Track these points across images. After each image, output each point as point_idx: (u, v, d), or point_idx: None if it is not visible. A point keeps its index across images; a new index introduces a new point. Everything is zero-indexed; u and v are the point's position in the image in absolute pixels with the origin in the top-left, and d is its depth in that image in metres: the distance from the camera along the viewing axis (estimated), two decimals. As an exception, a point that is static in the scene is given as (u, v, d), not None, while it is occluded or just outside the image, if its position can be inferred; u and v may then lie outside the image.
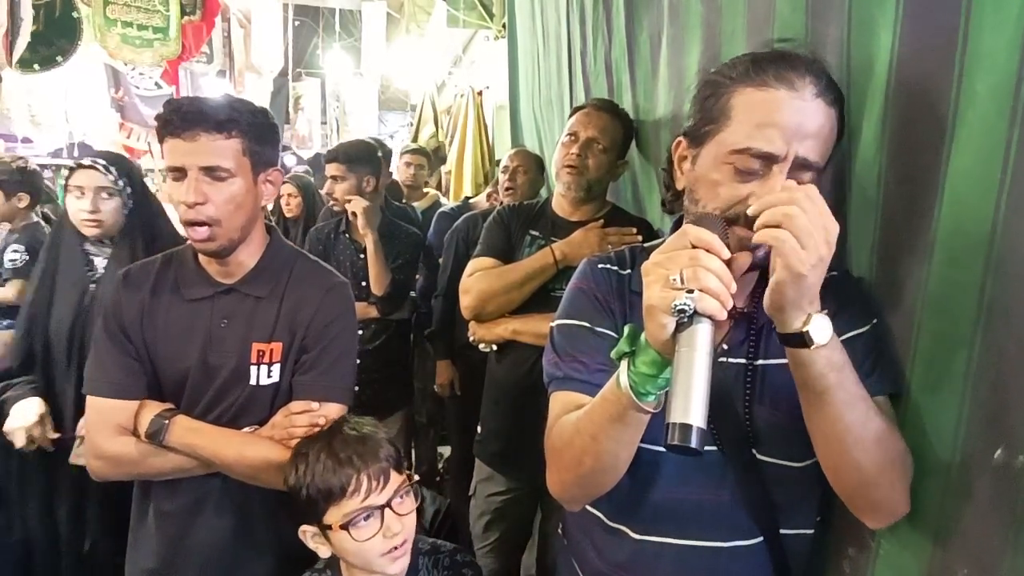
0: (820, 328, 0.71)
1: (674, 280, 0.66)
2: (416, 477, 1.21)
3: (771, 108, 0.80)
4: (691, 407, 0.62)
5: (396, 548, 1.10)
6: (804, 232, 0.66)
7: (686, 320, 0.66)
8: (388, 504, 1.11)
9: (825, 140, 0.82)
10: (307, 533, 1.15)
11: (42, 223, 3.36)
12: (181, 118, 1.16)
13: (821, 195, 0.70)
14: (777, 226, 0.67)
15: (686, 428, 0.62)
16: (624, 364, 0.74)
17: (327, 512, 1.10)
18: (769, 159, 0.79)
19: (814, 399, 0.77)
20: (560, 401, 0.93)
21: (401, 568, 1.13)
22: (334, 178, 2.53)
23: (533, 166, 2.70)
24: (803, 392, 0.78)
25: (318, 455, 1.12)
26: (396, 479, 1.14)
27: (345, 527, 1.08)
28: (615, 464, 0.84)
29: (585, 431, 0.82)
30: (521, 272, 1.79)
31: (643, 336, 0.72)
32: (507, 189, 2.66)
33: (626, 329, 0.75)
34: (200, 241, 1.20)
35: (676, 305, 0.65)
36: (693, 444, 0.61)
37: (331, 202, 2.60)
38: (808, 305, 0.71)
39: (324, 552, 1.16)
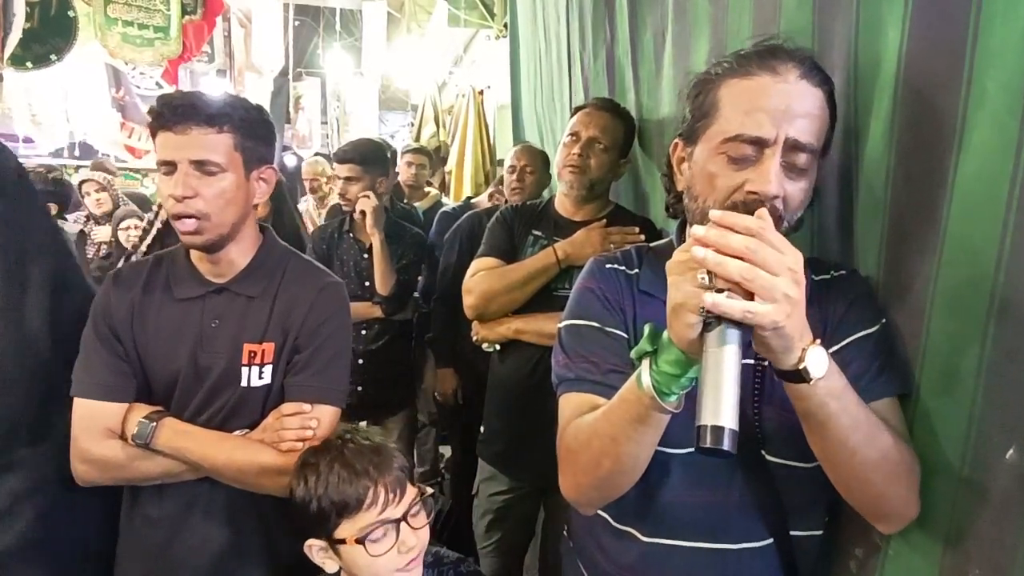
0: (816, 361, 0.69)
1: (703, 279, 0.65)
2: (430, 491, 1.17)
3: (756, 94, 0.82)
4: (722, 409, 0.62)
5: (409, 562, 1.07)
6: (767, 288, 0.63)
7: (713, 320, 0.65)
8: (404, 517, 1.08)
9: (816, 120, 0.82)
10: (313, 548, 1.10)
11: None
12: (172, 112, 1.15)
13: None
14: (738, 284, 0.63)
15: (718, 430, 0.61)
16: (646, 364, 0.73)
17: (339, 526, 1.06)
18: (760, 143, 0.81)
19: (817, 427, 0.76)
20: (572, 403, 0.92)
21: None
22: (348, 179, 2.51)
23: (540, 164, 2.64)
24: (805, 421, 0.77)
25: (331, 466, 1.08)
26: (411, 491, 1.11)
27: (361, 541, 1.04)
28: (635, 466, 0.83)
29: (604, 433, 0.81)
30: (524, 272, 1.78)
31: (665, 335, 0.71)
32: (514, 189, 2.61)
33: (646, 328, 0.74)
34: (187, 233, 1.18)
35: (709, 309, 0.64)
36: (726, 447, 0.61)
37: (343, 203, 2.57)
38: (799, 342, 0.68)
39: (331, 567, 1.11)
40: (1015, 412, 0.73)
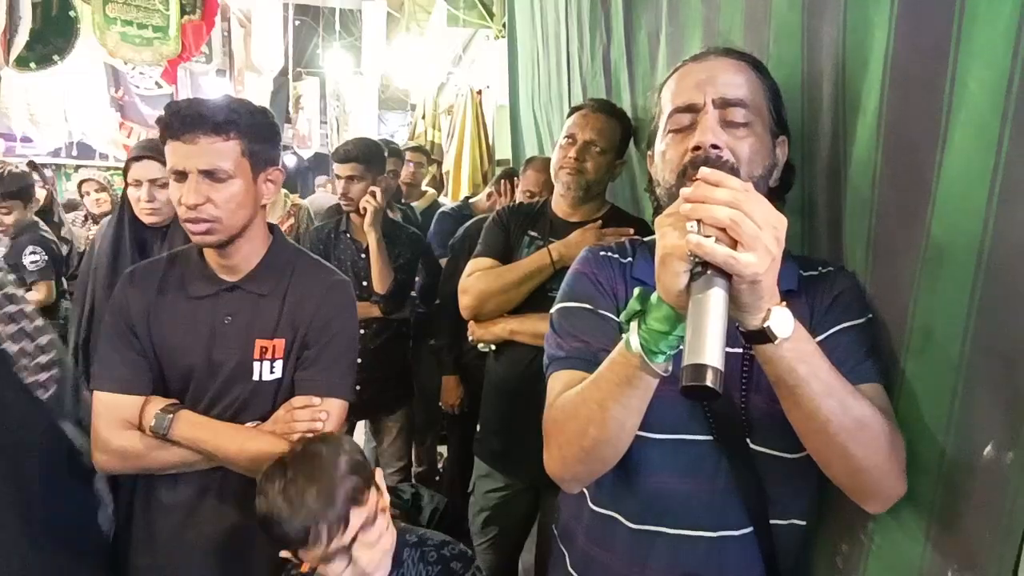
0: (781, 321, 0.70)
1: (691, 228, 0.66)
2: (387, 503, 1.18)
3: (682, 77, 0.95)
4: (705, 347, 0.61)
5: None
6: (752, 237, 0.64)
7: (700, 269, 0.66)
8: (353, 542, 1.09)
9: (744, 84, 0.91)
10: (288, 557, 1.15)
11: (39, 222, 3.36)
12: (180, 121, 1.18)
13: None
14: (722, 229, 0.65)
15: (700, 368, 0.61)
16: (634, 325, 0.74)
17: (295, 552, 1.11)
18: (692, 109, 0.90)
19: (788, 393, 0.77)
20: (561, 380, 0.93)
21: (383, 573, 1.15)
22: (350, 178, 2.50)
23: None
24: (777, 387, 0.78)
25: (277, 496, 1.08)
26: (361, 511, 1.11)
27: (313, 570, 1.10)
28: (620, 434, 0.83)
29: (591, 399, 0.82)
30: (519, 272, 1.79)
31: (654, 295, 0.72)
32: None
33: (635, 291, 0.76)
34: (199, 234, 1.23)
35: (693, 251, 0.65)
36: (708, 383, 0.60)
37: (345, 203, 2.55)
38: (767, 301, 0.69)
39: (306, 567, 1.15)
40: (993, 409, 0.74)
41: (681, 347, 0.66)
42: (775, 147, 0.94)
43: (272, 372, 1.28)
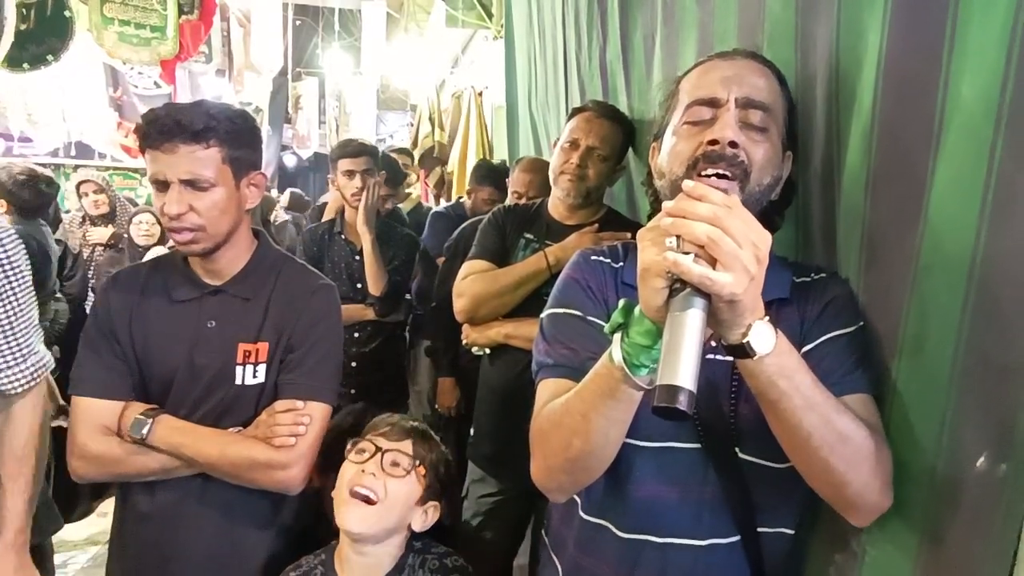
0: (761, 337, 0.69)
1: (670, 243, 0.65)
2: (431, 496, 1.25)
3: (707, 71, 0.93)
4: (680, 369, 0.61)
5: (359, 492, 1.16)
6: (730, 256, 0.63)
7: (679, 286, 0.65)
8: (383, 450, 1.20)
9: (766, 88, 0.90)
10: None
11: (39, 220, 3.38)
12: (158, 131, 1.16)
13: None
14: (701, 246, 0.64)
15: (674, 390, 0.60)
16: (617, 337, 0.73)
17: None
18: (713, 103, 0.88)
19: (770, 407, 0.76)
20: (548, 388, 0.92)
21: (363, 527, 1.17)
22: (366, 171, 2.49)
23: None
24: (760, 402, 0.77)
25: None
26: (408, 450, 1.23)
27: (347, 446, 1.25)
28: (604, 445, 0.82)
29: (575, 410, 0.81)
30: (515, 276, 1.78)
31: (637, 308, 0.71)
32: None
33: (620, 303, 0.74)
34: (184, 244, 1.22)
35: (670, 269, 0.64)
36: (680, 406, 0.60)
37: (356, 199, 2.51)
38: (747, 318, 0.68)
39: None
40: (987, 420, 0.73)
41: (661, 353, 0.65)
42: (783, 160, 0.93)
43: (255, 376, 1.27)
